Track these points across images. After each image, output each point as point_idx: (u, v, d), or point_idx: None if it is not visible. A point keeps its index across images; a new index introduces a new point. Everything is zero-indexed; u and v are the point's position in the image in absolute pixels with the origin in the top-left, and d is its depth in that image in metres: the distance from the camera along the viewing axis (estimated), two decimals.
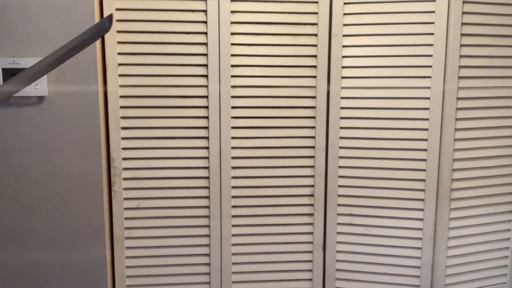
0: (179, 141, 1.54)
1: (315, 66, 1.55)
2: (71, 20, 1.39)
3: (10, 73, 1.37)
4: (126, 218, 1.55)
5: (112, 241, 1.56)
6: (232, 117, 1.54)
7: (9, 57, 1.37)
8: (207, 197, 1.57)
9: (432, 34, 1.52)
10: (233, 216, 1.59)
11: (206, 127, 1.54)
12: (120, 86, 1.49)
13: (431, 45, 1.52)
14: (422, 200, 1.60)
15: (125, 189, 1.53)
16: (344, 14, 1.53)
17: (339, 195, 1.62)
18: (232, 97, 1.53)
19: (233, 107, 1.54)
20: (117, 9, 1.46)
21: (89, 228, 1.49)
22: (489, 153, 1.62)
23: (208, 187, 1.56)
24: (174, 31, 1.49)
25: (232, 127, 1.55)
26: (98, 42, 1.43)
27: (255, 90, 1.55)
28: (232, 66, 1.52)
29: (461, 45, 1.53)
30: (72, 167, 1.45)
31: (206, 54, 1.50)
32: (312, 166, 1.60)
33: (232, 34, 1.51)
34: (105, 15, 1.45)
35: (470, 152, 1.61)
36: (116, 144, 1.51)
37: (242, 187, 1.59)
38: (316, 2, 1.52)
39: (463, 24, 1.52)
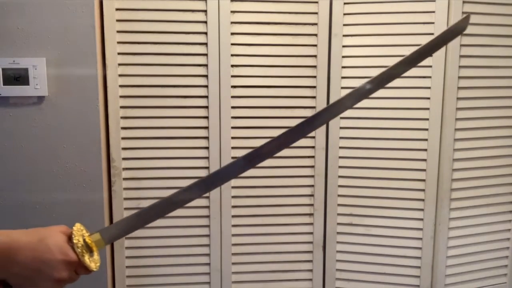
0: (179, 141, 1.54)
1: (315, 66, 1.55)
2: (71, 20, 1.39)
3: (10, 73, 1.37)
4: None
5: None
6: (232, 117, 1.54)
7: (9, 57, 1.37)
8: (207, 197, 1.57)
9: (432, 34, 1.52)
10: (233, 216, 1.59)
11: (206, 127, 1.54)
12: (120, 86, 1.49)
13: None
14: (422, 200, 1.60)
15: (125, 189, 1.53)
16: (344, 14, 1.53)
17: (339, 195, 1.62)
18: (232, 97, 1.53)
19: (233, 107, 1.54)
20: (117, 9, 1.46)
21: (89, 228, 1.48)
22: (489, 153, 1.62)
23: None
24: (174, 31, 1.49)
25: (232, 127, 1.55)
26: (98, 42, 1.43)
27: (255, 90, 1.55)
28: (232, 66, 1.52)
29: (461, 45, 1.53)
30: (72, 167, 1.45)
31: (206, 54, 1.50)
32: (312, 166, 1.60)
33: (232, 34, 1.51)
34: (105, 15, 1.45)
35: (470, 152, 1.61)
36: (116, 144, 1.51)
37: (242, 187, 1.58)
38: (316, 2, 1.52)
39: None
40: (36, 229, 0.62)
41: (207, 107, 1.53)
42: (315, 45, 1.54)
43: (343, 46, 1.55)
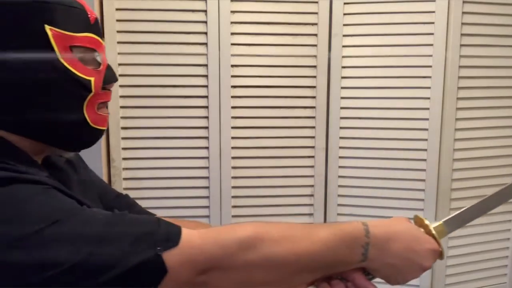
0: (179, 141, 1.54)
1: (315, 66, 1.55)
2: None
3: None
4: None
5: None
6: (232, 117, 1.54)
7: None
8: (207, 197, 1.57)
9: (432, 34, 1.52)
10: (233, 216, 1.59)
11: (206, 127, 1.54)
12: (120, 86, 1.49)
13: (431, 45, 1.52)
14: (422, 200, 1.60)
15: (125, 189, 1.53)
16: (344, 14, 1.53)
17: (339, 195, 1.62)
18: (232, 97, 1.53)
19: (233, 107, 1.54)
20: (117, 9, 1.46)
21: None
22: (489, 153, 1.62)
23: (208, 187, 1.56)
24: (174, 31, 1.49)
25: (232, 127, 1.55)
26: None
27: (255, 90, 1.55)
28: (232, 66, 1.52)
29: (461, 45, 1.53)
30: None
31: (206, 54, 1.50)
32: (312, 166, 1.60)
33: (232, 34, 1.51)
34: (105, 15, 1.45)
35: (470, 152, 1.61)
36: (116, 144, 1.51)
37: (242, 187, 1.58)
38: (316, 2, 1.52)
39: (463, 24, 1.52)
40: (391, 219, 0.63)
41: (207, 107, 1.53)
42: (315, 45, 1.54)
43: (343, 46, 1.55)
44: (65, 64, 0.57)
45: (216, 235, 0.53)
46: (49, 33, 0.55)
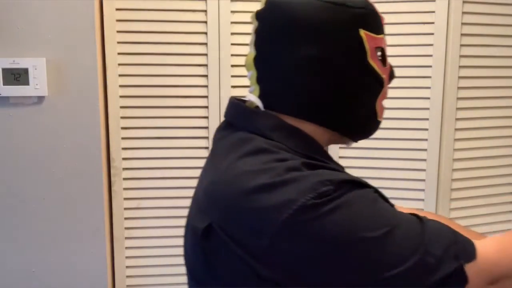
0: (179, 141, 1.54)
1: None
2: (71, 20, 1.39)
3: (10, 73, 1.37)
4: (126, 218, 1.55)
5: (112, 241, 1.56)
6: None
7: (9, 57, 1.37)
8: None
9: (432, 34, 1.52)
10: None
11: (206, 127, 1.54)
12: (120, 86, 1.49)
13: (431, 45, 1.52)
14: (422, 200, 1.60)
15: (125, 189, 1.53)
16: None
17: None
18: None
19: None
20: (117, 9, 1.46)
21: (89, 228, 1.48)
22: (489, 153, 1.62)
23: None
24: (174, 31, 1.49)
25: None
26: (98, 42, 1.43)
27: None
28: (232, 66, 1.52)
29: (461, 45, 1.53)
30: (72, 167, 1.45)
31: (206, 54, 1.50)
32: None
33: (232, 34, 1.51)
34: (105, 15, 1.45)
35: (470, 152, 1.61)
36: (116, 144, 1.51)
37: None
38: None
39: (463, 24, 1.52)
40: None
41: (207, 107, 1.53)
42: None
43: None
44: (372, 63, 0.62)
45: (509, 248, 0.57)
46: (363, 36, 0.61)
